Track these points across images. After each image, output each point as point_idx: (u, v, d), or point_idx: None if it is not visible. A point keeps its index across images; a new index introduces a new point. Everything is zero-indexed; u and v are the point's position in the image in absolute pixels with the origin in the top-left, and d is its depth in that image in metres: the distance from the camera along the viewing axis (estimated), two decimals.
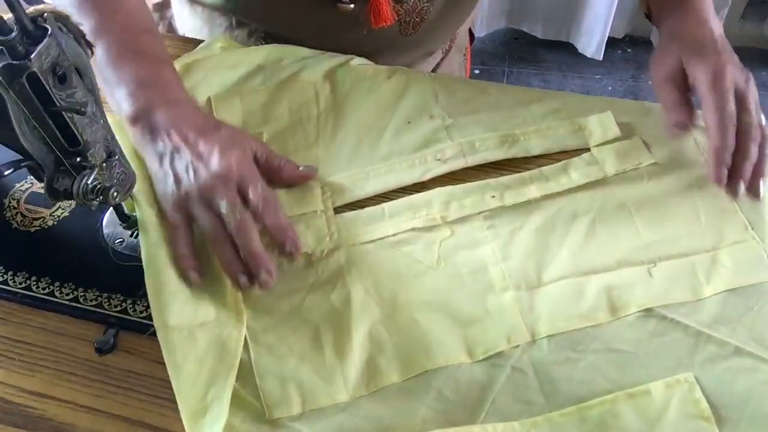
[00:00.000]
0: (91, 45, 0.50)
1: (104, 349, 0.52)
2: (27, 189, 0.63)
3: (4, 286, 0.56)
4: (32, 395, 0.51)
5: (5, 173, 0.47)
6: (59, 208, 0.62)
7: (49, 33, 0.42)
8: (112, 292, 0.55)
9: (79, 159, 0.48)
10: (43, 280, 0.56)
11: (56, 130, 0.46)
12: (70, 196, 0.49)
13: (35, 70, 0.41)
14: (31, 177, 0.63)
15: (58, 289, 0.56)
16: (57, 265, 0.57)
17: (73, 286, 0.56)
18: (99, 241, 0.59)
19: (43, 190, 0.50)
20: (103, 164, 0.50)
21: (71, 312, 0.55)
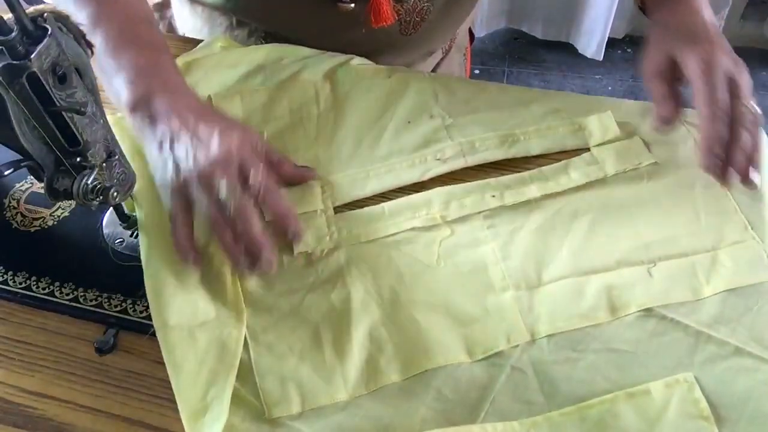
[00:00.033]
0: (91, 45, 0.50)
1: (104, 349, 0.52)
2: (27, 189, 0.63)
3: (4, 286, 0.56)
4: (32, 395, 0.51)
5: (5, 173, 0.47)
6: (59, 208, 0.62)
7: (49, 33, 0.42)
8: (112, 292, 0.55)
9: (79, 159, 0.48)
10: (43, 280, 0.56)
11: (56, 130, 0.46)
12: (70, 196, 0.49)
13: (35, 70, 0.41)
14: (31, 177, 0.63)
15: (58, 289, 0.56)
16: (57, 265, 0.57)
17: (73, 286, 0.56)
18: (99, 241, 0.59)
19: (43, 190, 0.50)
20: (103, 164, 0.50)
21: (71, 312, 0.55)
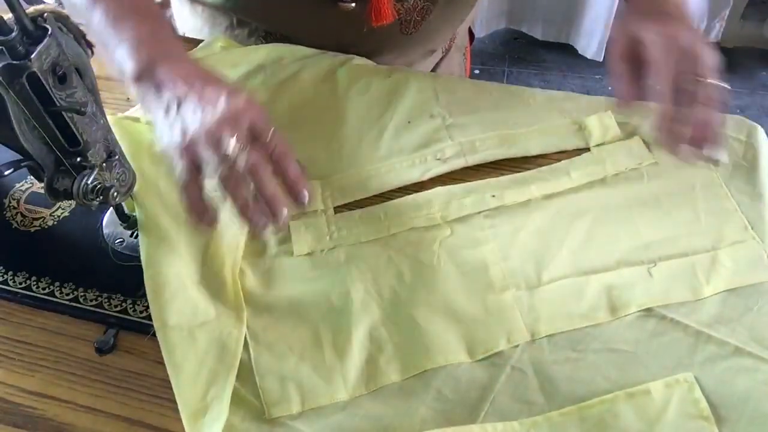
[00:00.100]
0: (91, 45, 0.50)
1: (104, 349, 0.52)
2: (27, 189, 0.63)
3: (4, 286, 0.56)
4: (32, 395, 0.51)
5: (5, 173, 0.47)
6: (59, 208, 0.62)
7: (49, 33, 0.42)
8: (112, 292, 0.55)
9: (79, 159, 0.48)
10: (43, 280, 0.56)
11: (56, 130, 0.46)
12: (70, 196, 0.49)
13: (35, 70, 0.41)
14: (31, 177, 0.63)
15: (58, 289, 0.56)
16: (57, 265, 0.57)
17: (73, 286, 0.56)
18: (99, 241, 0.59)
19: (43, 190, 0.50)
20: (103, 164, 0.50)
21: (71, 312, 0.55)
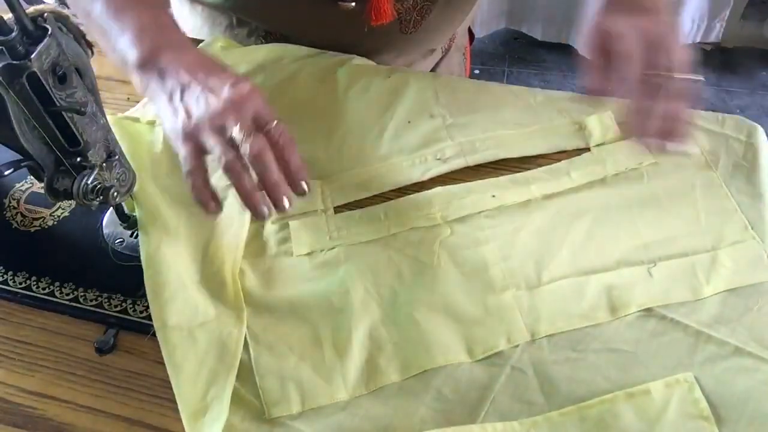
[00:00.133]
0: (91, 45, 0.50)
1: (104, 349, 0.52)
2: (27, 189, 0.63)
3: (4, 286, 0.56)
4: (32, 395, 0.51)
5: (5, 173, 0.47)
6: (59, 208, 0.62)
7: (49, 33, 0.42)
8: (112, 292, 0.55)
9: (79, 159, 0.48)
10: (43, 280, 0.56)
11: (56, 130, 0.46)
12: (70, 196, 0.49)
13: (35, 70, 0.41)
14: (31, 177, 0.63)
15: (58, 289, 0.56)
16: (57, 265, 0.57)
17: (73, 286, 0.56)
18: (99, 241, 0.59)
19: (43, 190, 0.50)
20: (103, 164, 0.50)
21: (71, 312, 0.55)
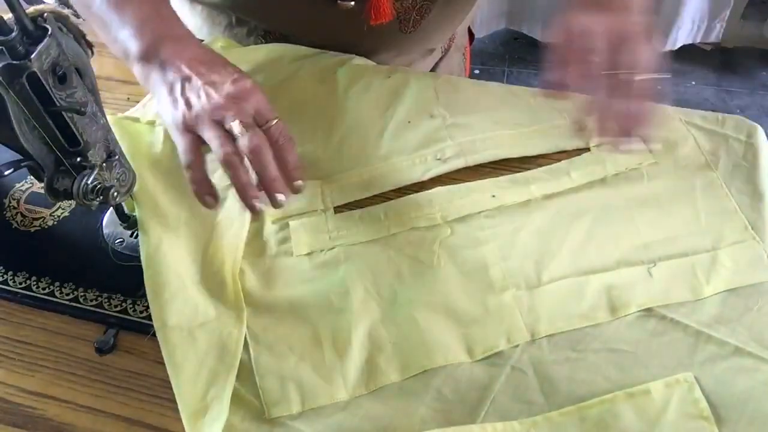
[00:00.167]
0: (91, 45, 0.50)
1: (104, 349, 0.52)
2: (27, 189, 0.64)
3: (4, 286, 0.56)
4: (32, 395, 0.51)
5: (5, 173, 0.47)
6: (59, 208, 0.62)
7: (49, 33, 0.42)
8: (112, 292, 0.55)
9: (79, 159, 0.48)
10: (43, 280, 0.56)
11: (56, 130, 0.46)
12: (70, 196, 0.49)
13: (35, 70, 0.41)
14: (31, 177, 0.63)
15: (58, 289, 0.56)
16: (57, 265, 0.57)
17: (73, 286, 0.56)
18: (99, 241, 0.59)
19: (43, 190, 0.50)
20: (103, 164, 0.50)
21: (71, 312, 0.55)
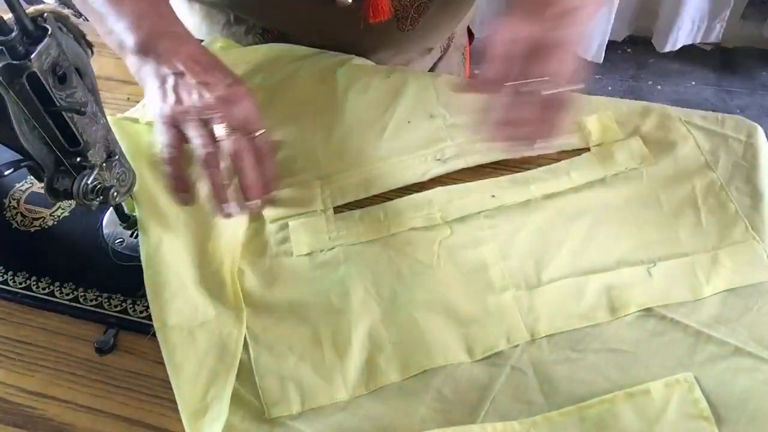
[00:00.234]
0: (91, 45, 0.50)
1: (104, 349, 0.52)
2: (27, 189, 0.64)
3: (4, 286, 0.56)
4: (32, 395, 0.51)
5: (5, 173, 0.47)
6: (59, 208, 0.62)
7: (49, 33, 0.42)
8: (112, 292, 0.55)
9: (79, 159, 0.48)
10: (43, 280, 0.56)
11: (56, 130, 0.46)
12: (70, 196, 0.49)
13: (35, 70, 0.41)
14: (31, 177, 0.63)
15: (58, 289, 0.56)
16: (57, 265, 0.57)
17: (73, 286, 0.56)
18: (99, 241, 0.59)
19: (43, 190, 0.50)
20: (103, 164, 0.50)
21: (71, 312, 0.55)
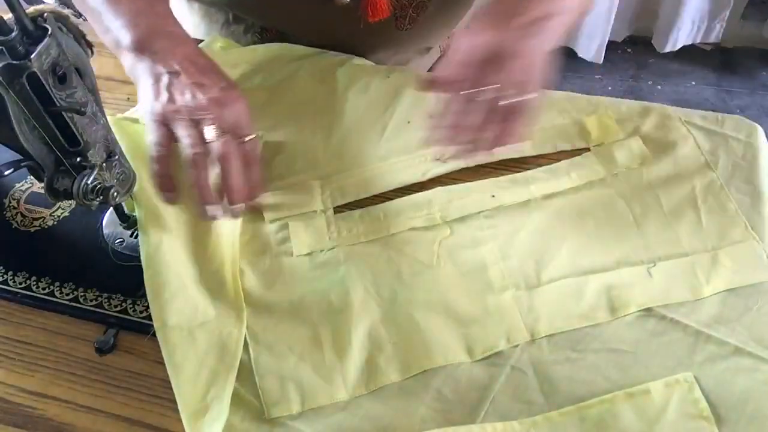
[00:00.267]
0: (91, 45, 0.50)
1: (104, 349, 0.52)
2: (27, 189, 0.64)
3: (4, 286, 0.56)
4: (32, 395, 0.51)
5: (5, 173, 0.47)
6: (59, 208, 0.62)
7: (49, 33, 0.42)
8: (112, 292, 0.55)
9: (79, 159, 0.48)
10: (43, 280, 0.56)
11: (56, 130, 0.46)
12: (70, 196, 0.49)
13: (35, 70, 0.41)
14: (31, 177, 0.63)
15: (58, 289, 0.56)
16: (57, 265, 0.57)
17: (73, 286, 0.56)
18: (99, 241, 0.59)
19: (43, 190, 0.50)
20: (103, 164, 0.50)
21: (71, 312, 0.55)
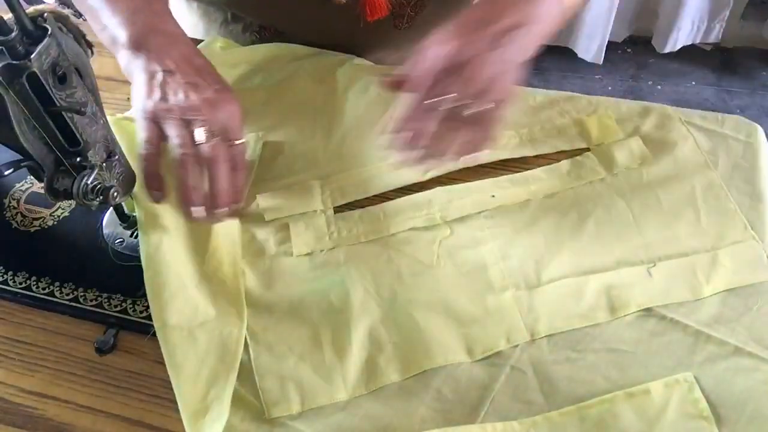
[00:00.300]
0: (91, 45, 0.50)
1: (104, 349, 0.53)
2: (27, 189, 0.64)
3: (4, 286, 0.56)
4: (32, 395, 0.51)
5: (5, 173, 0.47)
6: (59, 208, 0.62)
7: (49, 33, 0.42)
8: (112, 292, 0.55)
9: (79, 159, 0.48)
10: (43, 280, 0.56)
11: (56, 130, 0.46)
12: (70, 196, 0.49)
13: (35, 70, 0.41)
14: (31, 177, 0.63)
15: (58, 289, 0.56)
16: (57, 265, 0.58)
17: (73, 286, 0.56)
18: (99, 241, 0.59)
19: (43, 190, 0.50)
20: (103, 164, 0.50)
21: (71, 312, 0.55)
